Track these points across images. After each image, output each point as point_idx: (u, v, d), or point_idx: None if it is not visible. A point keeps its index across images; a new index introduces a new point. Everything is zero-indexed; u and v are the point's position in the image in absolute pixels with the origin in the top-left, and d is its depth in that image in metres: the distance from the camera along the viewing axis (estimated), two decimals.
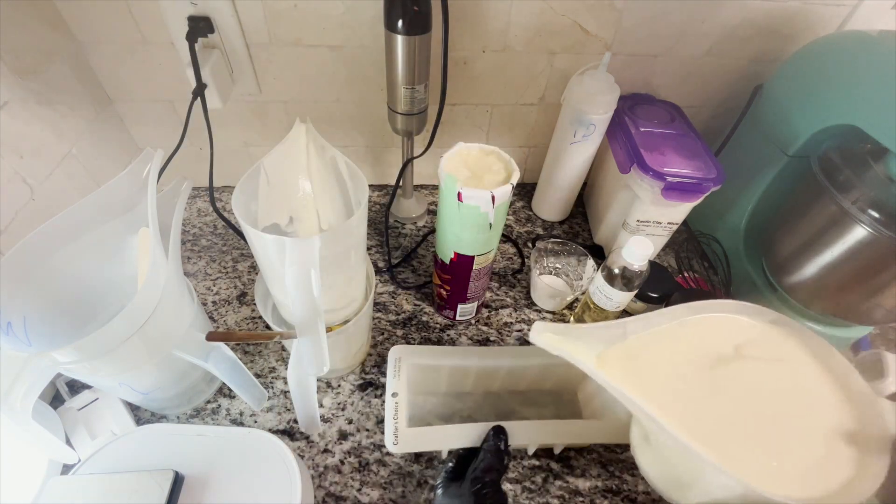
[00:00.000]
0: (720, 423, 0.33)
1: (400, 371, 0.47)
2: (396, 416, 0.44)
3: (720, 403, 0.34)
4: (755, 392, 0.34)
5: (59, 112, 0.54)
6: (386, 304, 0.62)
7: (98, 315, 0.45)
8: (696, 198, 0.56)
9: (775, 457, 0.31)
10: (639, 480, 0.48)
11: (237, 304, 0.61)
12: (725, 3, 0.59)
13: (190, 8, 0.52)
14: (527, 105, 0.69)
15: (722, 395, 0.34)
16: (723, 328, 0.38)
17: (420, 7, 0.48)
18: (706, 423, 0.32)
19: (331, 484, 0.46)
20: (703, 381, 0.35)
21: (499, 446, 0.40)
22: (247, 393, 0.45)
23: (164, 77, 0.60)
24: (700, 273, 0.66)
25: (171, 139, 0.55)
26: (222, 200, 0.73)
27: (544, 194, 0.74)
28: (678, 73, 0.67)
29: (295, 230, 0.44)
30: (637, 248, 0.47)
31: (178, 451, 0.39)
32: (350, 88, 0.64)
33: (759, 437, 0.32)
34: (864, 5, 0.60)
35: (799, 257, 0.56)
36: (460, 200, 0.42)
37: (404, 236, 0.72)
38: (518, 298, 0.64)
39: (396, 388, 0.46)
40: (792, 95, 0.57)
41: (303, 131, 0.41)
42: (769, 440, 0.32)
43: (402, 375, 0.47)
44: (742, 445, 0.32)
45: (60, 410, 0.47)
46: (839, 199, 0.50)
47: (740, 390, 0.34)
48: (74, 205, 0.39)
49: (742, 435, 0.32)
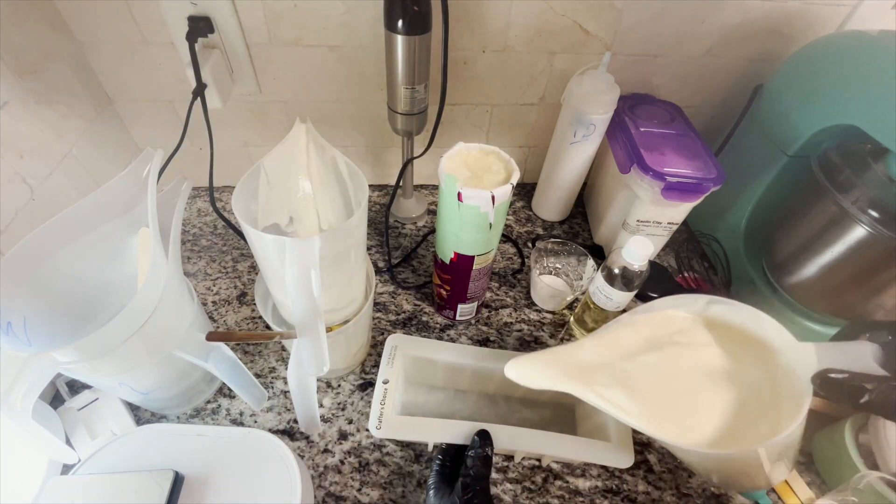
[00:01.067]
0: (652, 394, 0.39)
1: (394, 359, 0.47)
2: (384, 402, 0.44)
3: (653, 379, 0.40)
4: (682, 369, 0.41)
5: (59, 112, 0.54)
6: (386, 304, 0.62)
7: (98, 315, 0.45)
8: (696, 198, 0.56)
9: (690, 418, 0.38)
10: (639, 480, 0.48)
11: (237, 304, 0.61)
12: (725, 3, 0.59)
13: (190, 8, 0.52)
14: (527, 105, 0.69)
15: (654, 373, 0.41)
16: (662, 322, 0.44)
17: (420, 7, 0.48)
18: (642, 395, 0.39)
19: (331, 484, 0.46)
20: (641, 363, 0.41)
21: (486, 453, 0.40)
22: (247, 393, 0.45)
23: (164, 77, 0.60)
24: (700, 273, 0.66)
25: (171, 139, 0.55)
26: (222, 200, 0.73)
27: (544, 194, 0.74)
28: (678, 73, 0.67)
29: (295, 230, 0.44)
30: (637, 248, 0.47)
31: (178, 451, 0.39)
32: (350, 88, 0.64)
33: (680, 403, 0.39)
34: (864, 5, 0.60)
35: (799, 257, 0.56)
36: (460, 200, 0.42)
37: (404, 236, 0.72)
38: (518, 298, 0.64)
39: (388, 375, 0.46)
40: (792, 95, 0.57)
41: (303, 131, 0.41)
42: (688, 406, 0.39)
43: (395, 364, 0.47)
44: (666, 410, 0.39)
45: (60, 410, 0.47)
46: (839, 199, 0.50)
47: (670, 368, 0.41)
48: (74, 205, 0.39)
49: (667, 402, 0.39)
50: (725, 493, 0.48)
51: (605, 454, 0.43)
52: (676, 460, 0.50)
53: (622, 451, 0.43)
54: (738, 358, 0.41)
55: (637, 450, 0.45)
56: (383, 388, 0.45)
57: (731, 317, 0.42)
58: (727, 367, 0.41)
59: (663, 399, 0.39)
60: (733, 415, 0.38)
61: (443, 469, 0.42)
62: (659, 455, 0.50)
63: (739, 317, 0.42)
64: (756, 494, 0.47)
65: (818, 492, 0.48)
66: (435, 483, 0.40)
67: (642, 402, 0.39)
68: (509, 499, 0.46)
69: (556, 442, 0.44)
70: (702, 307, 0.43)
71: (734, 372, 0.40)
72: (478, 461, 0.39)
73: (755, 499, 0.47)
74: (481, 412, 0.52)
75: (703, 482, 0.49)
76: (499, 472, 0.48)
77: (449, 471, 0.41)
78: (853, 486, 0.41)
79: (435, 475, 0.41)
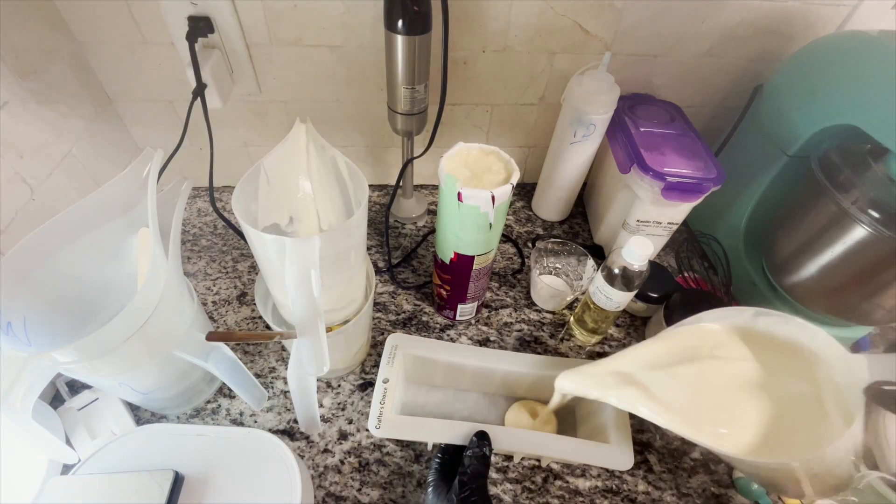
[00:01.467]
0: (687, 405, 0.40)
1: (394, 359, 0.47)
2: (384, 401, 0.44)
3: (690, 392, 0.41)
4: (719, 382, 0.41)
5: (59, 112, 0.54)
6: (386, 304, 0.62)
7: (98, 315, 0.45)
8: (696, 198, 0.56)
9: (726, 427, 0.38)
10: (639, 480, 0.48)
11: (237, 304, 0.61)
12: (725, 3, 0.59)
13: (190, 8, 0.52)
14: (527, 105, 0.69)
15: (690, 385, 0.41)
16: (699, 335, 0.44)
17: (420, 7, 0.48)
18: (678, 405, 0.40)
19: (331, 484, 0.46)
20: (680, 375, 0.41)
21: (484, 452, 0.40)
22: (247, 393, 0.45)
23: (164, 77, 0.60)
24: (700, 273, 0.66)
25: (171, 139, 0.55)
26: (222, 200, 0.73)
27: (544, 194, 0.74)
28: (678, 73, 0.67)
29: (295, 230, 0.44)
30: (637, 248, 0.47)
31: (178, 451, 0.39)
32: (350, 88, 0.64)
33: (717, 417, 0.39)
34: (864, 5, 0.60)
35: (799, 257, 0.56)
36: (460, 200, 0.42)
37: (404, 236, 0.72)
38: (518, 298, 0.64)
39: (388, 374, 0.46)
40: (792, 95, 0.57)
41: (303, 131, 0.41)
42: (725, 419, 0.39)
43: (395, 363, 0.47)
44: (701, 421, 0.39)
45: (60, 410, 0.47)
46: (839, 199, 0.50)
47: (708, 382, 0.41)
48: (74, 205, 0.39)
49: (703, 414, 0.39)
50: (725, 493, 0.48)
51: (605, 456, 0.43)
52: (676, 460, 0.50)
53: (622, 452, 0.43)
54: (778, 370, 0.41)
55: (637, 450, 0.45)
56: (383, 388, 0.45)
57: (777, 328, 0.41)
58: (764, 380, 0.40)
59: (698, 411, 0.39)
60: (771, 426, 0.38)
61: (442, 467, 0.42)
62: (659, 455, 0.50)
63: (787, 328, 0.41)
64: (756, 494, 0.47)
65: None
66: (434, 481, 0.41)
67: (677, 413, 0.39)
68: (509, 499, 0.46)
69: (556, 443, 0.44)
70: (748, 319, 0.43)
71: (772, 385, 0.40)
72: (475, 460, 0.40)
73: (755, 499, 0.47)
74: (481, 412, 0.52)
75: (703, 482, 0.49)
76: (499, 472, 0.48)
77: (449, 469, 0.42)
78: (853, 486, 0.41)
79: (434, 473, 0.41)
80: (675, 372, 0.41)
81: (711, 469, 0.50)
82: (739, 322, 0.43)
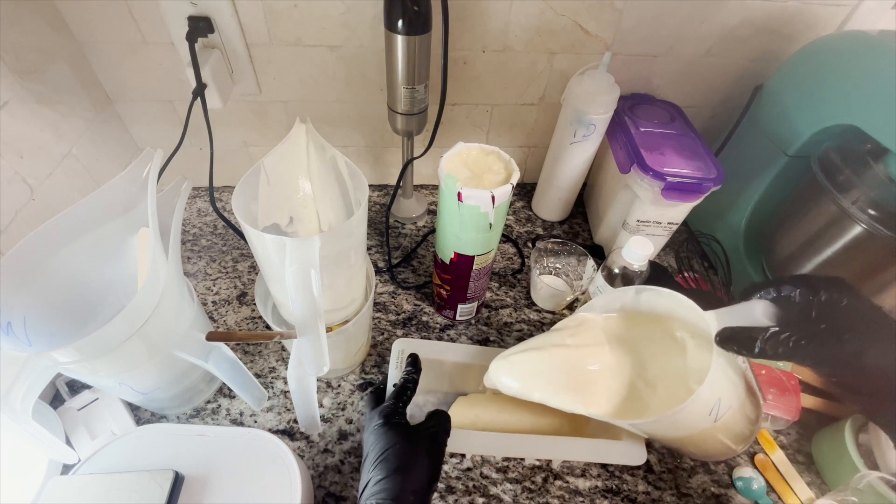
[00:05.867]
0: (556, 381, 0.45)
1: (402, 363, 0.47)
2: None
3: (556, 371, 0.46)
4: (574, 365, 0.47)
5: (59, 112, 0.54)
6: (386, 304, 0.62)
7: (98, 315, 0.45)
8: (696, 198, 0.56)
9: (585, 397, 0.44)
10: (639, 480, 0.48)
11: (237, 304, 0.61)
12: (725, 3, 0.59)
13: (190, 8, 0.52)
14: (527, 105, 0.69)
15: (556, 366, 0.46)
16: (574, 325, 0.49)
17: (420, 7, 0.48)
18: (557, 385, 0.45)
19: (331, 484, 0.46)
20: (554, 360, 0.46)
21: (413, 377, 0.43)
22: (247, 393, 0.45)
23: (164, 77, 0.60)
24: (700, 273, 0.66)
25: (171, 139, 0.55)
26: (222, 200, 0.73)
27: (544, 194, 0.74)
28: (678, 73, 0.67)
29: (295, 230, 0.44)
30: (637, 248, 0.47)
31: (178, 451, 0.39)
32: (350, 88, 0.64)
33: (578, 388, 0.45)
34: (864, 5, 0.60)
35: (799, 257, 0.56)
36: (460, 200, 0.42)
37: (404, 236, 0.72)
38: (518, 298, 0.64)
39: (396, 379, 0.46)
40: (792, 95, 0.57)
41: (303, 131, 0.41)
42: (588, 393, 0.45)
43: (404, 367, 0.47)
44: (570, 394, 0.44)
45: (60, 410, 0.47)
46: (839, 199, 0.50)
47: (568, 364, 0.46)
48: (74, 205, 0.39)
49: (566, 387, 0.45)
50: (725, 493, 0.48)
51: (619, 453, 0.44)
52: (677, 460, 0.50)
53: (634, 447, 0.44)
54: (655, 340, 0.45)
55: None
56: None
57: (656, 302, 0.44)
58: (624, 358, 0.47)
59: (559, 386, 0.44)
60: (630, 395, 0.44)
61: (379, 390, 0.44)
62: (659, 455, 0.50)
63: (662, 300, 0.44)
64: (756, 494, 0.47)
65: (818, 492, 0.48)
66: (370, 404, 0.43)
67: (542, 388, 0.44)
68: (509, 499, 0.46)
69: (568, 446, 0.45)
70: (632, 298, 0.46)
71: (644, 360, 0.46)
72: (406, 375, 0.43)
73: (755, 498, 0.47)
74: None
75: (703, 482, 0.49)
76: (499, 472, 0.48)
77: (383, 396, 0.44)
78: (853, 486, 0.41)
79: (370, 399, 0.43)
80: (544, 356, 0.46)
81: (711, 469, 0.50)
82: (627, 302, 0.47)
